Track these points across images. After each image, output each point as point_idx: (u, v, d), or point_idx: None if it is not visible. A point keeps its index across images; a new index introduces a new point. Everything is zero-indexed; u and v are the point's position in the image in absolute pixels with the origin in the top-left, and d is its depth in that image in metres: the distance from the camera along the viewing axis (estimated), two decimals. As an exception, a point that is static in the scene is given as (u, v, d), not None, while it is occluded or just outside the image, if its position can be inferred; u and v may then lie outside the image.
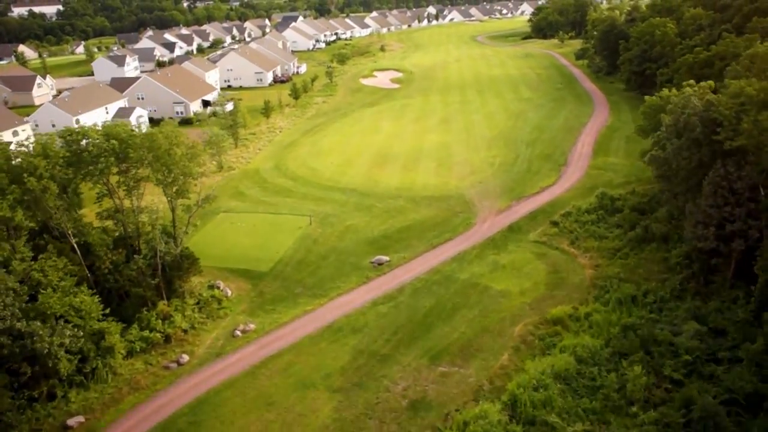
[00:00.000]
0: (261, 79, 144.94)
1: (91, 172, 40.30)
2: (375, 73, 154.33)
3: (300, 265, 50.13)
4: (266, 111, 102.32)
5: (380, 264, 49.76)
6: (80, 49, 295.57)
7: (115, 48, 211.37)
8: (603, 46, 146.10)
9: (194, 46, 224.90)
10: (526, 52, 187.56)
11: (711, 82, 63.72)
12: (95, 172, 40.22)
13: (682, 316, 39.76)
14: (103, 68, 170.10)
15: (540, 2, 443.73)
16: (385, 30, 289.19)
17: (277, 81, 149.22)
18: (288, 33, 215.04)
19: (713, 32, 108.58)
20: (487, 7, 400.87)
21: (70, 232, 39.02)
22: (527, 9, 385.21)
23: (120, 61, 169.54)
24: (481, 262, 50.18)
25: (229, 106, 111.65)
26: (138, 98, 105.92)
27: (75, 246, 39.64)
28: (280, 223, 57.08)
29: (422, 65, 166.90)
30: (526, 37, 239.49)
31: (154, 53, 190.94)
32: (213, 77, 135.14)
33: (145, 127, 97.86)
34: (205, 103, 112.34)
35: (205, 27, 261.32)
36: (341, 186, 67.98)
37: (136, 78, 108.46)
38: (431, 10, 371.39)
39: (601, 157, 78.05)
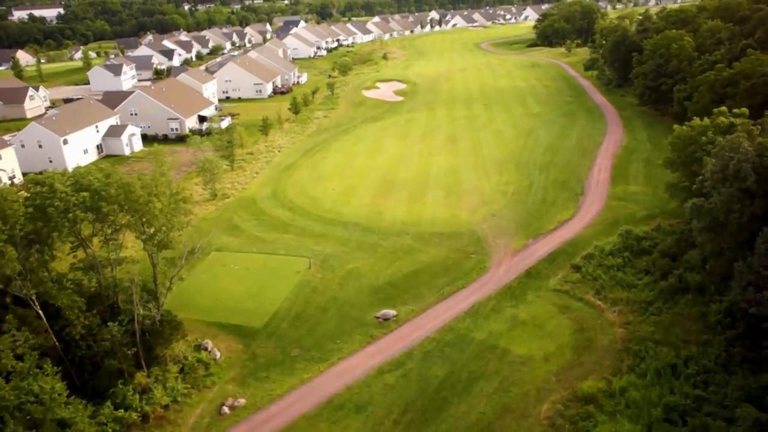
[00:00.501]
0: (260, 91, 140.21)
1: (60, 226, 35.43)
2: (378, 84, 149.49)
3: (297, 320, 45.14)
4: (264, 128, 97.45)
5: (386, 319, 44.79)
6: (79, 54, 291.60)
7: (113, 56, 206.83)
8: (614, 57, 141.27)
9: (193, 53, 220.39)
10: (532, 62, 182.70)
11: (745, 110, 58.88)
12: (63, 227, 35.36)
13: (734, 395, 34.76)
14: (100, 77, 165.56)
15: (544, 7, 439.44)
16: (387, 36, 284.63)
17: (277, 92, 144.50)
18: (288, 40, 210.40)
19: (733, 47, 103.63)
20: (490, 11, 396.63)
21: (33, 298, 34.12)
22: (531, 14, 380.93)
23: (116, 70, 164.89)
24: (498, 317, 45.18)
25: (226, 122, 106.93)
26: (131, 114, 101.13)
27: (40, 313, 34.75)
28: (277, 266, 52.13)
29: (426, 75, 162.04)
30: (532, 44, 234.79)
31: (152, 61, 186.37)
32: (211, 89, 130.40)
33: (137, 146, 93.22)
34: (202, 119, 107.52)
35: (205, 33, 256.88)
36: (343, 219, 63.00)
37: (129, 92, 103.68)
38: (434, 15, 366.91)
39: (620, 185, 73.03)
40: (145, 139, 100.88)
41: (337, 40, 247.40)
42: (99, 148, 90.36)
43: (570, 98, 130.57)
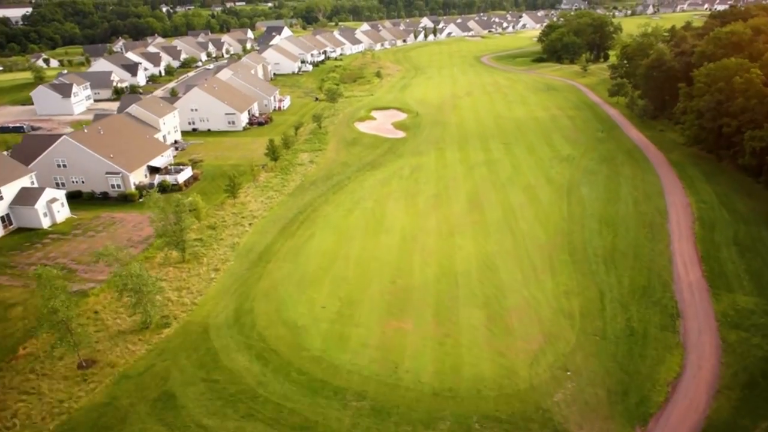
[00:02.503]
0: (233, 122, 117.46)
1: None
2: (373, 113, 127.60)
3: None
4: (232, 189, 74.86)
5: None
6: (39, 62, 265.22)
7: (65, 72, 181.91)
8: (648, 84, 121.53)
9: (162, 67, 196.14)
10: (546, 83, 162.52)
11: None
12: None
13: None
14: (46, 99, 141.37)
15: (540, 14, 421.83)
16: (378, 46, 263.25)
17: (253, 123, 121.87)
18: (269, 54, 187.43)
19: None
20: (485, 18, 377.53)
21: None
22: (529, 22, 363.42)
23: (65, 90, 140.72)
24: None
25: (185, 174, 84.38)
26: (58, 165, 77.98)
27: None
28: None
29: (428, 102, 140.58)
30: (538, 58, 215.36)
31: (111, 78, 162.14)
32: (171, 123, 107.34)
33: (62, 214, 70.26)
34: (154, 170, 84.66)
35: (176, 43, 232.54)
36: (340, 381, 40.76)
37: (55, 137, 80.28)
38: (427, 22, 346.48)
39: (724, 294, 52.28)
40: (79, 198, 78.08)
41: (324, 52, 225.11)
42: (5, 219, 67.16)
43: (602, 134, 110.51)
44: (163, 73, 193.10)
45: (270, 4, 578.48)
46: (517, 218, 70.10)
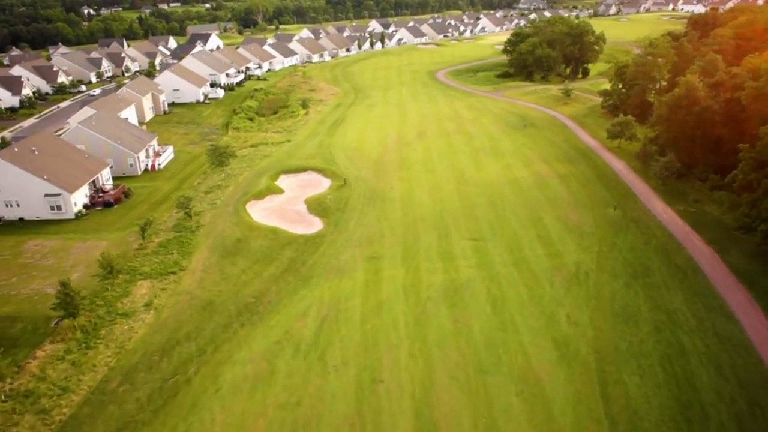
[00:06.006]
0: (59, 207, 75.50)
1: None
2: (281, 179, 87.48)
3: None
4: None
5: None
6: None
7: None
8: (671, 131, 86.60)
9: (23, 95, 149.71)
10: (520, 114, 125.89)
11: None
12: None
13: None
14: None
15: (498, 14, 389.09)
16: (316, 57, 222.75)
17: (96, 203, 79.99)
18: (165, 78, 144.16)
19: None
20: (440, 21, 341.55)
21: None
22: (488, 25, 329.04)
23: None
24: None
25: None
26: None
27: None
28: None
29: (364, 152, 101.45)
30: (503, 73, 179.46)
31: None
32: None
33: None
34: None
35: (53, 61, 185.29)
36: None
37: None
38: (376, 26, 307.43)
39: None
40: None
41: (246, 69, 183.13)
42: None
43: (614, 209, 74.55)
44: (23, 105, 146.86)
45: (207, 6, 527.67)
46: None
